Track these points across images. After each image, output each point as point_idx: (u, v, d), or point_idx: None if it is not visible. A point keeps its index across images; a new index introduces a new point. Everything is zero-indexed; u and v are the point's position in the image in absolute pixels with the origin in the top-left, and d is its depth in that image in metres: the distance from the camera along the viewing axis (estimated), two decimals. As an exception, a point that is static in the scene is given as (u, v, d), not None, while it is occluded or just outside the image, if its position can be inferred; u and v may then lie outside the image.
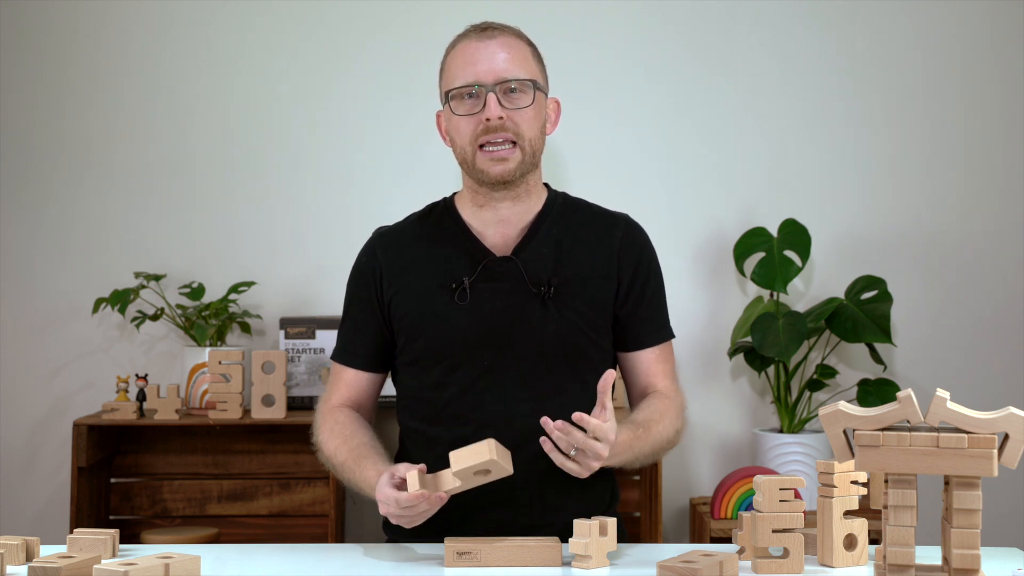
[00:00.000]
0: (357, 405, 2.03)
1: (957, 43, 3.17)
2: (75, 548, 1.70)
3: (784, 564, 1.62)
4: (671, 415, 1.92)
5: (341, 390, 2.03)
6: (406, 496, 1.68)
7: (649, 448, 1.86)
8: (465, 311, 1.91)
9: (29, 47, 3.19)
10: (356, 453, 1.89)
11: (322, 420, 1.99)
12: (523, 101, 1.89)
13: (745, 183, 3.18)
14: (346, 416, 1.98)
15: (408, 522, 1.73)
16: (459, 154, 1.93)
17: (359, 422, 1.98)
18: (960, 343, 3.16)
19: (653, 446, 1.87)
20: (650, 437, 1.86)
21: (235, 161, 3.19)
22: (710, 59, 3.19)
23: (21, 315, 3.17)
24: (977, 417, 1.41)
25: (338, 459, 1.93)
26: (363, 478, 1.85)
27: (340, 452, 1.92)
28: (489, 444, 1.67)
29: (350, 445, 1.91)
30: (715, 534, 2.77)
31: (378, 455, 1.88)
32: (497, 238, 1.96)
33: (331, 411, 2.00)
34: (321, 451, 1.99)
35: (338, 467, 1.93)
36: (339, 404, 2.01)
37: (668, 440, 1.91)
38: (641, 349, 1.98)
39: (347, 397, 2.02)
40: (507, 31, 1.93)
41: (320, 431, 1.99)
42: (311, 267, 3.17)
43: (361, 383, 2.02)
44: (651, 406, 1.92)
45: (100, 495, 3.01)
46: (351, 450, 1.90)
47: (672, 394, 1.96)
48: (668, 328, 2.01)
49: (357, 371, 2.02)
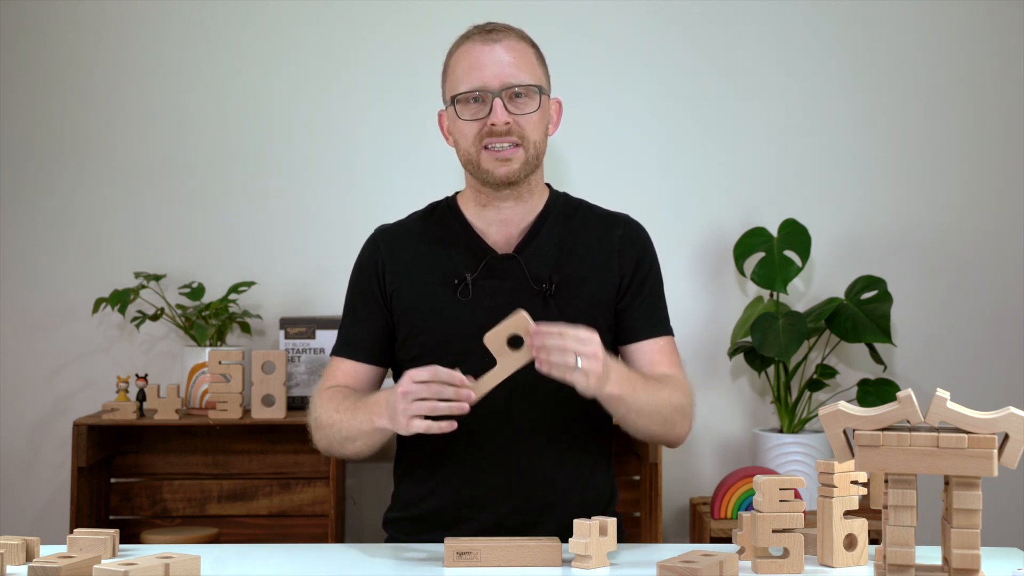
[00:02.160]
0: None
1: (957, 43, 3.18)
2: (75, 548, 1.70)
3: (784, 564, 1.62)
4: (673, 388, 1.88)
5: (338, 380, 1.97)
6: (419, 370, 1.67)
7: (648, 396, 1.81)
8: (467, 307, 1.92)
9: (29, 46, 3.19)
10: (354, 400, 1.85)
11: (318, 401, 1.93)
12: (529, 106, 1.89)
13: (745, 183, 3.18)
14: (340, 390, 1.93)
15: (417, 408, 1.67)
16: (463, 155, 1.93)
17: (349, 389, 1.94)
18: (960, 343, 3.16)
19: (653, 397, 1.82)
20: (649, 385, 1.82)
21: (235, 161, 3.20)
22: (710, 59, 3.19)
23: (21, 315, 3.18)
24: (977, 417, 1.41)
25: (336, 417, 1.86)
26: (369, 402, 1.80)
27: (339, 411, 1.86)
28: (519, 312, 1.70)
29: (347, 402, 1.86)
30: (715, 534, 2.77)
31: (373, 394, 1.85)
32: (499, 237, 1.97)
33: (325, 391, 1.94)
34: (320, 426, 1.90)
35: (336, 426, 1.86)
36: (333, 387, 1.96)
37: (670, 405, 1.85)
38: (638, 341, 1.97)
39: (343, 385, 1.96)
40: (511, 33, 1.93)
41: (317, 410, 1.91)
42: (311, 267, 3.17)
43: (360, 375, 1.98)
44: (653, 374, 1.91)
45: (100, 495, 3.01)
46: (349, 403, 1.85)
47: (679, 378, 1.94)
48: (666, 325, 2.01)
49: (357, 363, 1.98)
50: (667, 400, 1.85)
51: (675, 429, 1.89)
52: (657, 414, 1.84)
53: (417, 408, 1.67)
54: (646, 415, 1.82)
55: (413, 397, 1.68)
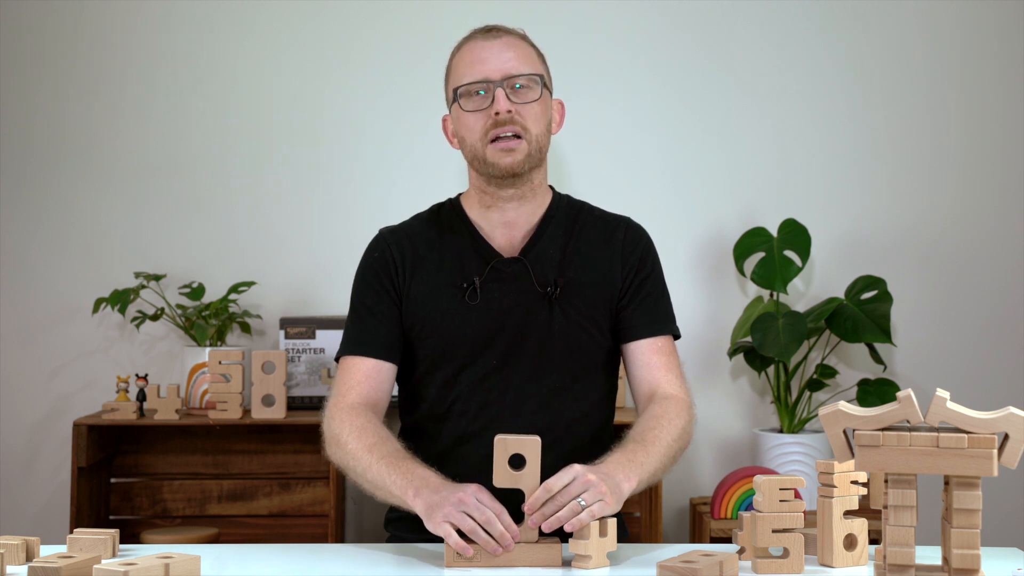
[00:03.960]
0: (375, 403, 1.93)
1: (958, 43, 3.18)
2: (75, 548, 1.70)
3: (784, 564, 1.62)
4: (669, 415, 1.88)
5: (360, 385, 1.93)
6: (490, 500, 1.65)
7: (659, 454, 1.81)
8: (476, 310, 1.92)
9: (29, 47, 3.19)
10: (394, 455, 1.80)
11: (345, 416, 1.88)
12: (530, 96, 1.91)
13: (745, 183, 3.18)
14: (374, 420, 1.88)
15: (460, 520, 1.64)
16: (469, 151, 1.94)
17: (387, 431, 1.88)
18: (960, 343, 3.16)
19: (662, 451, 1.82)
20: (650, 446, 1.82)
21: (235, 161, 3.20)
22: (711, 59, 3.19)
23: (21, 315, 3.18)
24: (977, 417, 1.41)
25: (368, 459, 1.81)
26: (403, 471, 1.75)
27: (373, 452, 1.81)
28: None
29: (384, 449, 1.81)
30: (715, 534, 2.77)
31: (420, 463, 1.79)
32: (504, 240, 1.97)
33: (353, 409, 1.89)
34: (342, 448, 1.86)
35: (364, 466, 1.82)
36: (358, 402, 1.91)
37: (676, 439, 1.86)
38: (636, 340, 1.96)
39: (364, 394, 1.92)
40: (512, 32, 1.97)
41: (342, 427, 1.86)
42: (311, 267, 3.17)
43: (380, 375, 1.94)
44: (643, 418, 1.89)
45: (100, 495, 3.01)
46: (387, 453, 1.80)
47: (673, 390, 1.94)
48: (668, 324, 2.00)
49: (375, 361, 1.93)
50: (666, 441, 1.84)
51: (683, 453, 1.92)
52: (671, 462, 1.86)
53: (460, 520, 1.64)
54: (666, 468, 1.85)
55: (465, 510, 1.64)
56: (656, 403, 1.92)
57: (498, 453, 1.67)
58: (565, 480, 1.65)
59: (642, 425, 1.87)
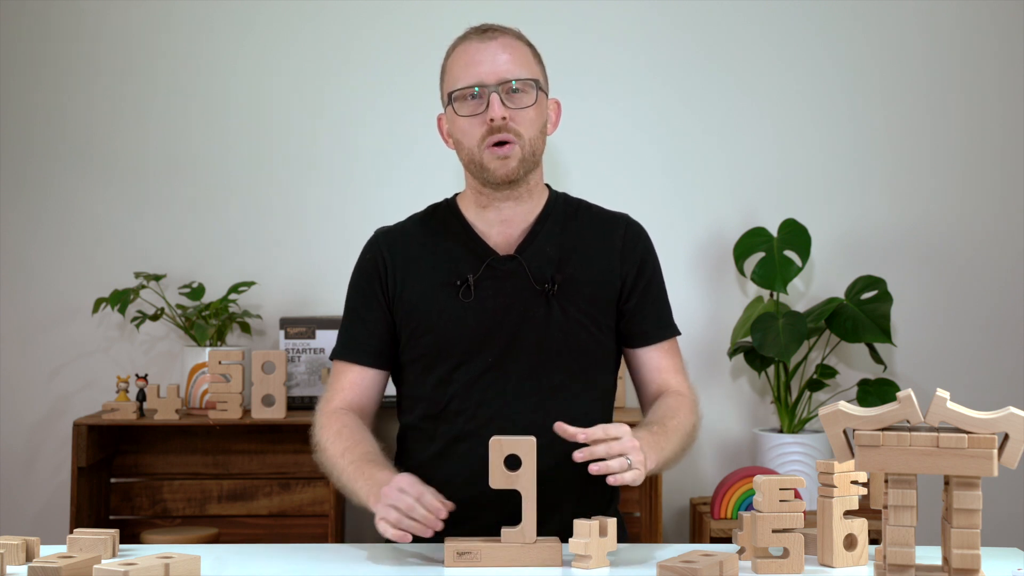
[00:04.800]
0: (360, 408, 1.97)
1: (958, 43, 3.17)
2: (75, 548, 1.70)
3: (784, 564, 1.62)
4: (684, 410, 1.92)
5: (344, 391, 1.97)
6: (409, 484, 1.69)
7: (676, 443, 1.86)
8: (470, 308, 1.92)
9: (29, 47, 3.19)
10: (362, 459, 1.84)
11: (326, 421, 1.93)
12: (525, 100, 1.90)
13: (745, 183, 3.18)
14: (353, 421, 1.93)
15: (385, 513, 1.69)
16: (465, 156, 1.93)
17: (365, 431, 1.92)
18: (960, 343, 3.16)
19: (678, 441, 1.87)
20: (670, 432, 1.85)
21: (235, 161, 3.20)
22: (711, 59, 3.19)
23: (21, 315, 3.18)
24: (977, 417, 1.41)
25: (341, 463, 1.86)
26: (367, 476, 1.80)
27: (345, 456, 1.86)
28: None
29: (356, 452, 1.85)
30: (715, 534, 2.77)
31: (385, 465, 1.83)
32: (500, 238, 1.97)
33: (335, 413, 1.94)
34: (323, 452, 1.91)
35: (339, 470, 1.87)
36: (341, 407, 1.96)
37: (688, 434, 1.91)
38: (647, 345, 1.99)
39: (350, 399, 1.97)
40: (507, 32, 1.95)
41: (323, 432, 1.92)
42: (311, 267, 3.17)
43: (365, 382, 1.98)
44: (661, 405, 1.93)
45: (100, 495, 3.01)
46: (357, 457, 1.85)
47: (683, 390, 1.97)
48: (673, 325, 2.03)
49: (361, 368, 1.98)
50: (682, 431, 1.89)
51: (689, 451, 1.95)
52: (682, 451, 1.90)
53: (386, 513, 1.69)
54: (676, 459, 1.89)
55: (388, 502, 1.70)
56: (670, 396, 1.95)
57: (493, 454, 1.67)
58: (618, 433, 1.69)
59: (661, 412, 1.90)
